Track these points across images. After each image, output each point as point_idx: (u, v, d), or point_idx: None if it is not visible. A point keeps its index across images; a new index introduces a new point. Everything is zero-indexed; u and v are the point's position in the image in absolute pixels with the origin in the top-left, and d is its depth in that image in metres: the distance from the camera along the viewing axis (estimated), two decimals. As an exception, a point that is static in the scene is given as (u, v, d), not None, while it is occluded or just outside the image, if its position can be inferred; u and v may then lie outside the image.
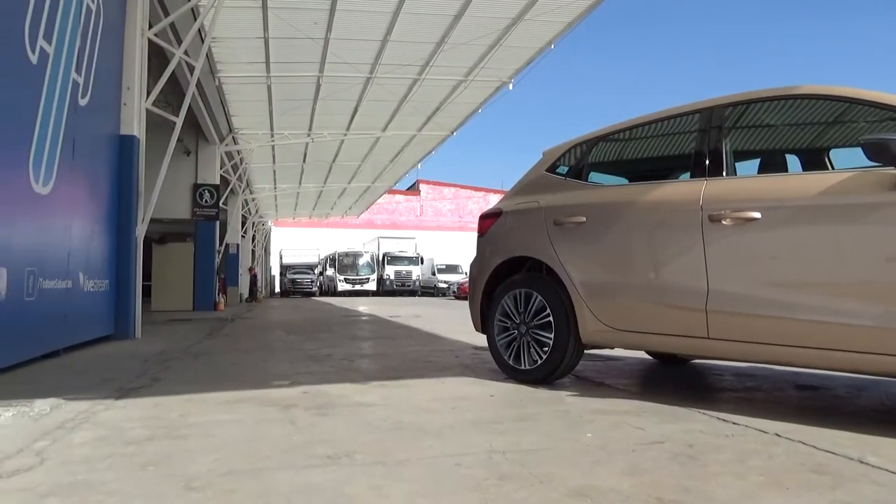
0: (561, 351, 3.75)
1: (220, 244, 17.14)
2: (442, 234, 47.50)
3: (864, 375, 3.79)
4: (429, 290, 36.08)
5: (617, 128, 4.07)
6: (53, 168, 5.21)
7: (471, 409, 3.16)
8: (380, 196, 30.07)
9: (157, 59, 8.99)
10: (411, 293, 36.33)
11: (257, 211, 27.63)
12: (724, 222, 3.11)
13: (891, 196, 2.65)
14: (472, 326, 4.51)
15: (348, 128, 16.32)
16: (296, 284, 36.83)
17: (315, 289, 37.06)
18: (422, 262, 38.10)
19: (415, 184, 49.03)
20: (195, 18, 8.85)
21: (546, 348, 3.81)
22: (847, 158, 3.23)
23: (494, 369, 4.30)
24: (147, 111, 7.80)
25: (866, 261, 2.71)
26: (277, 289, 40.58)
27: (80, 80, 5.83)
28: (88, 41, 6.02)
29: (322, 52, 11.31)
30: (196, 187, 15.49)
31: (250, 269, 25.22)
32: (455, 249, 41.31)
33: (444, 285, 34.11)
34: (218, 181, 15.90)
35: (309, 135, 16.62)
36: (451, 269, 36.09)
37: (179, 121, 8.38)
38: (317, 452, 2.34)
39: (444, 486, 1.98)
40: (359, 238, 42.93)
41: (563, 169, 4.22)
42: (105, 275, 6.81)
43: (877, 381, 3.99)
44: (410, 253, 38.53)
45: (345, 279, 36.71)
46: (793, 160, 3.65)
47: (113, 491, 1.92)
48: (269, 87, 12.95)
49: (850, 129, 3.26)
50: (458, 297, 25.69)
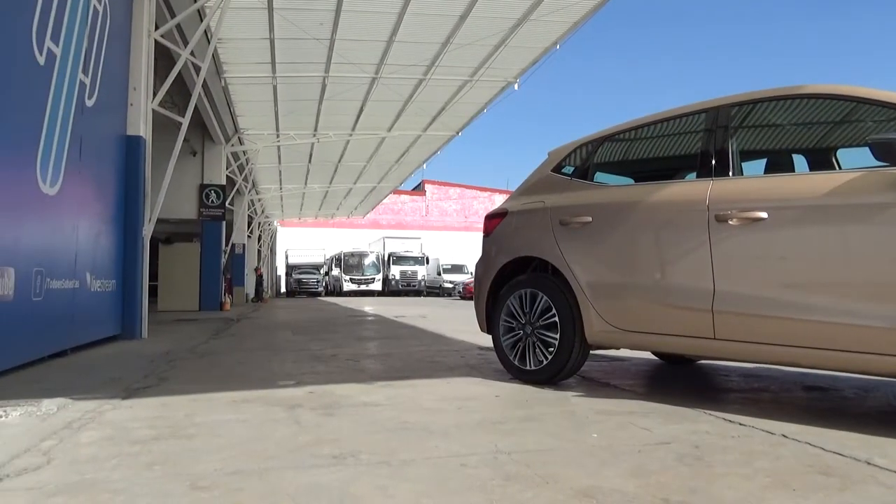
0: (567, 351, 3.74)
1: (227, 244, 17.18)
2: (447, 235, 47.51)
3: (871, 377, 3.77)
4: (434, 290, 36.08)
5: (622, 128, 4.06)
6: (61, 168, 5.23)
7: (476, 410, 3.16)
8: (385, 196, 30.12)
9: (163, 60, 9.02)
10: (417, 293, 36.36)
11: (263, 211, 27.71)
12: (730, 222, 3.10)
13: None
14: (478, 327, 4.51)
15: (354, 128, 16.34)
16: (301, 284, 36.91)
17: (321, 289, 37.13)
18: (427, 263, 38.12)
19: (420, 184, 49.06)
20: (201, 19, 8.88)
21: (552, 349, 3.80)
22: (854, 158, 3.22)
23: (500, 370, 4.29)
24: (153, 112, 7.84)
25: (874, 261, 2.70)
26: (283, 289, 40.66)
27: (87, 81, 5.85)
28: (95, 42, 6.05)
29: (327, 53, 11.33)
30: (202, 188, 15.55)
31: (256, 270, 25.28)
32: (460, 249, 41.29)
33: (450, 285, 34.06)
34: (224, 181, 15.96)
35: (314, 135, 16.66)
36: (457, 269, 36.04)
37: (185, 121, 8.41)
38: (322, 452, 2.35)
39: (450, 486, 1.98)
40: (364, 238, 42.97)
41: (569, 169, 4.22)
42: (112, 275, 6.84)
43: (885, 383, 3.97)
44: (416, 253, 38.57)
45: (350, 279, 36.77)
46: (799, 160, 3.64)
47: (119, 490, 1.93)
48: (274, 88, 12.98)
49: (857, 128, 3.24)
50: (463, 298, 25.69)
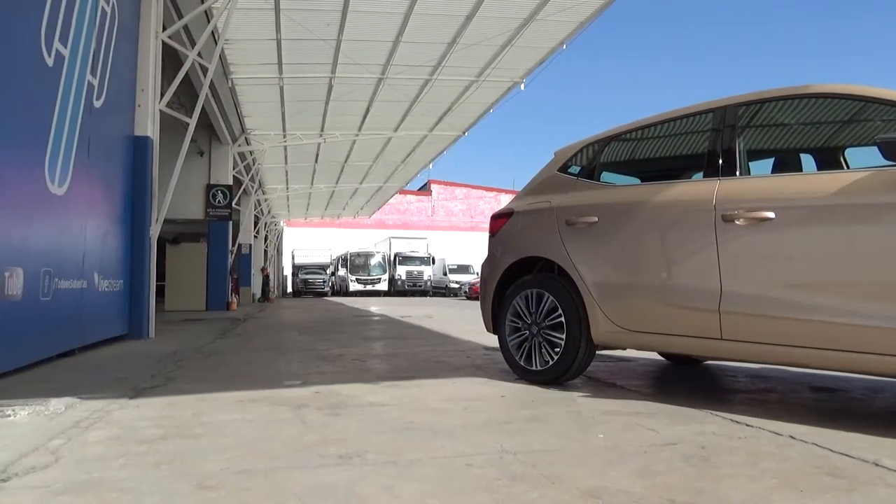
0: (573, 352, 3.73)
1: (233, 244, 17.24)
2: (453, 235, 47.50)
3: (880, 378, 3.74)
4: (440, 291, 36.07)
5: (629, 127, 4.05)
6: (69, 169, 5.27)
7: (482, 410, 3.16)
8: (391, 196, 30.15)
9: (170, 60, 9.07)
10: (423, 293, 36.36)
11: (269, 211, 27.77)
12: (737, 222, 3.09)
13: None
14: (484, 327, 4.51)
15: (360, 128, 16.37)
16: (308, 284, 36.96)
17: (327, 289, 37.17)
18: (433, 263, 38.11)
19: (426, 184, 49.07)
20: (208, 20, 8.92)
21: (558, 349, 3.80)
22: (862, 157, 3.20)
23: (506, 370, 4.29)
24: (161, 112, 7.88)
25: (883, 261, 2.68)
26: (290, 289, 40.75)
27: (95, 82, 5.88)
28: (103, 43, 6.08)
29: (334, 54, 11.36)
30: (209, 188, 15.61)
31: (263, 270, 25.36)
32: (466, 249, 41.31)
33: (456, 285, 34.06)
34: (231, 182, 16.01)
35: (321, 135, 16.70)
36: (463, 269, 36.03)
37: (193, 122, 8.45)
38: (328, 452, 2.35)
39: (456, 486, 1.98)
40: (370, 238, 43.03)
41: (575, 169, 4.21)
42: (119, 275, 6.87)
43: (893, 384, 3.94)
44: (422, 253, 38.55)
45: (356, 279, 36.80)
46: (807, 159, 3.62)
47: (127, 489, 1.93)
48: (281, 89, 13.02)
49: (865, 127, 3.22)
50: (469, 298, 25.68)
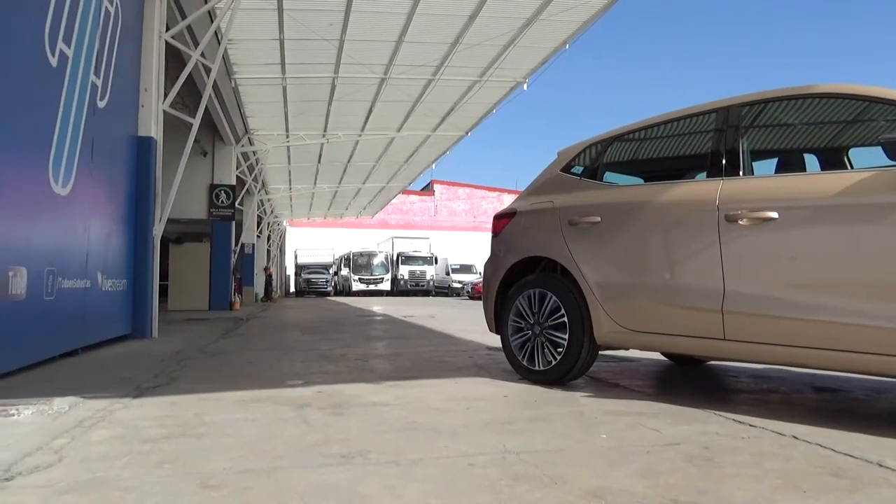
0: (575, 352, 3.73)
1: (236, 244, 17.26)
2: (456, 234, 47.50)
3: (883, 378, 3.73)
4: (443, 290, 36.10)
5: (632, 127, 4.05)
6: (72, 169, 5.28)
7: (485, 410, 3.16)
8: (394, 196, 30.17)
9: (174, 61, 9.07)
10: (425, 293, 36.39)
11: (272, 211, 27.80)
12: (740, 222, 3.08)
13: None
14: (486, 327, 4.51)
15: (363, 128, 16.38)
16: (311, 284, 37.00)
17: (330, 289, 37.21)
18: (436, 262, 38.15)
19: (429, 184, 49.08)
20: (212, 21, 8.93)
21: (560, 349, 3.80)
22: (866, 158, 3.19)
23: (508, 370, 4.29)
24: (164, 113, 7.88)
25: (886, 261, 2.68)
26: (292, 288, 40.80)
27: (99, 83, 5.90)
28: (107, 44, 6.10)
29: (337, 54, 11.36)
30: (212, 188, 15.63)
31: (266, 269, 25.39)
32: (469, 249, 41.30)
33: (459, 285, 34.09)
34: (234, 182, 16.02)
35: (324, 135, 16.71)
36: (466, 269, 36.06)
37: (196, 122, 8.46)
38: (331, 452, 2.35)
39: (458, 486, 1.98)
40: (373, 238, 43.06)
41: (578, 169, 4.21)
42: (123, 274, 6.88)
43: (895, 384, 3.94)
44: (424, 253, 38.59)
45: (359, 279, 36.84)
46: (811, 159, 3.61)
47: (130, 488, 1.94)
48: (284, 89, 13.04)
49: (869, 127, 3.21)
50: (472, 298, 25.70)
